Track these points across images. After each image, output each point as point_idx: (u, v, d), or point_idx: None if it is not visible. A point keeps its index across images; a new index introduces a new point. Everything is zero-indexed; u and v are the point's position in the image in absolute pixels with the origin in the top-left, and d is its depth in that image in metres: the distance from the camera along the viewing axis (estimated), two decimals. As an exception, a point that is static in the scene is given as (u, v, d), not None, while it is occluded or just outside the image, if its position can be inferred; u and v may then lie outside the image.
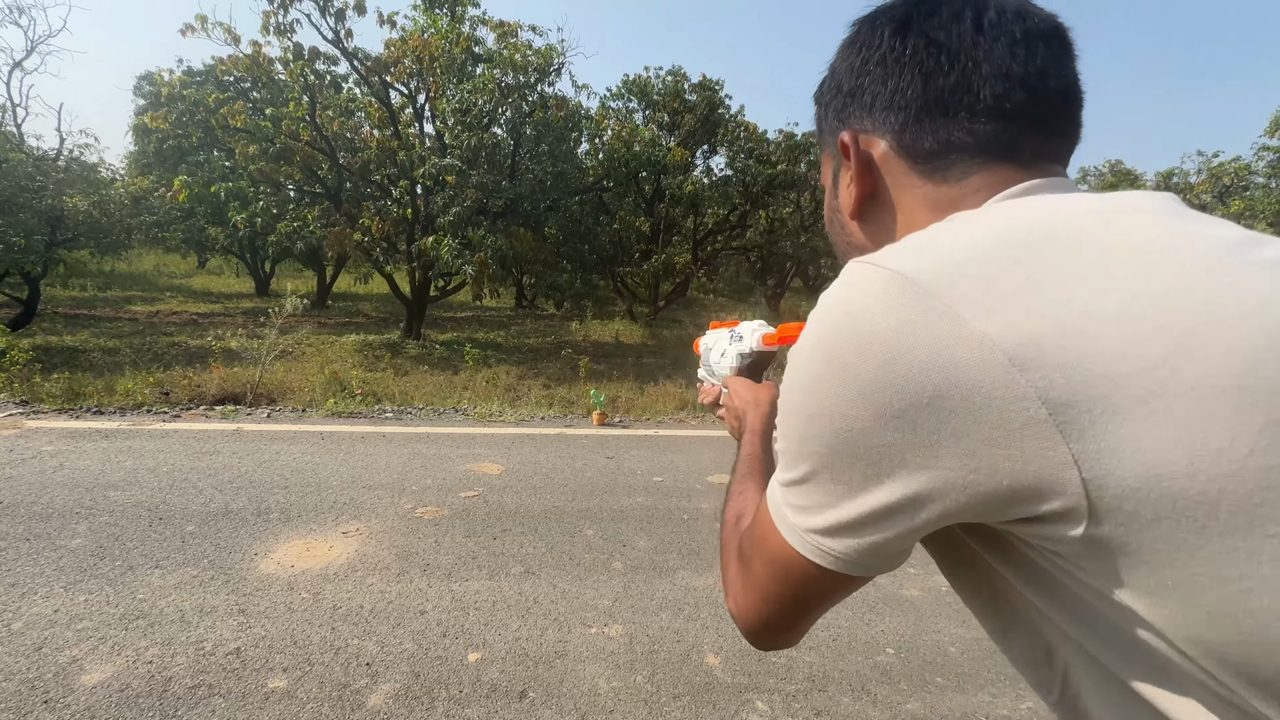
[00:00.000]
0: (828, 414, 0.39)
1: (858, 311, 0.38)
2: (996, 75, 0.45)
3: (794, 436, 0.43)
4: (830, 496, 0.41)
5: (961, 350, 0.35)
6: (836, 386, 0.39)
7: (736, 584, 0.53)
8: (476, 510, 3.23)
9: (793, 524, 0.44)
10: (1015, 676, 2.11)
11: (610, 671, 2.03)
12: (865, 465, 0.39)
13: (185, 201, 8.89)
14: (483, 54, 9.37)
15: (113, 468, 3.52)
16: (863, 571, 0.43)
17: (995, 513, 0.37)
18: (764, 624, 0.50)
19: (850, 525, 0.41)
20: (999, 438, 0.35)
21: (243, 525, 2.91)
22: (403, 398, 6.04)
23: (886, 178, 0.51)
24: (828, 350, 0.39)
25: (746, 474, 0.69)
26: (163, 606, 2.24)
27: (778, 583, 0.47)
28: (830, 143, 0.56)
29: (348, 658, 2.02)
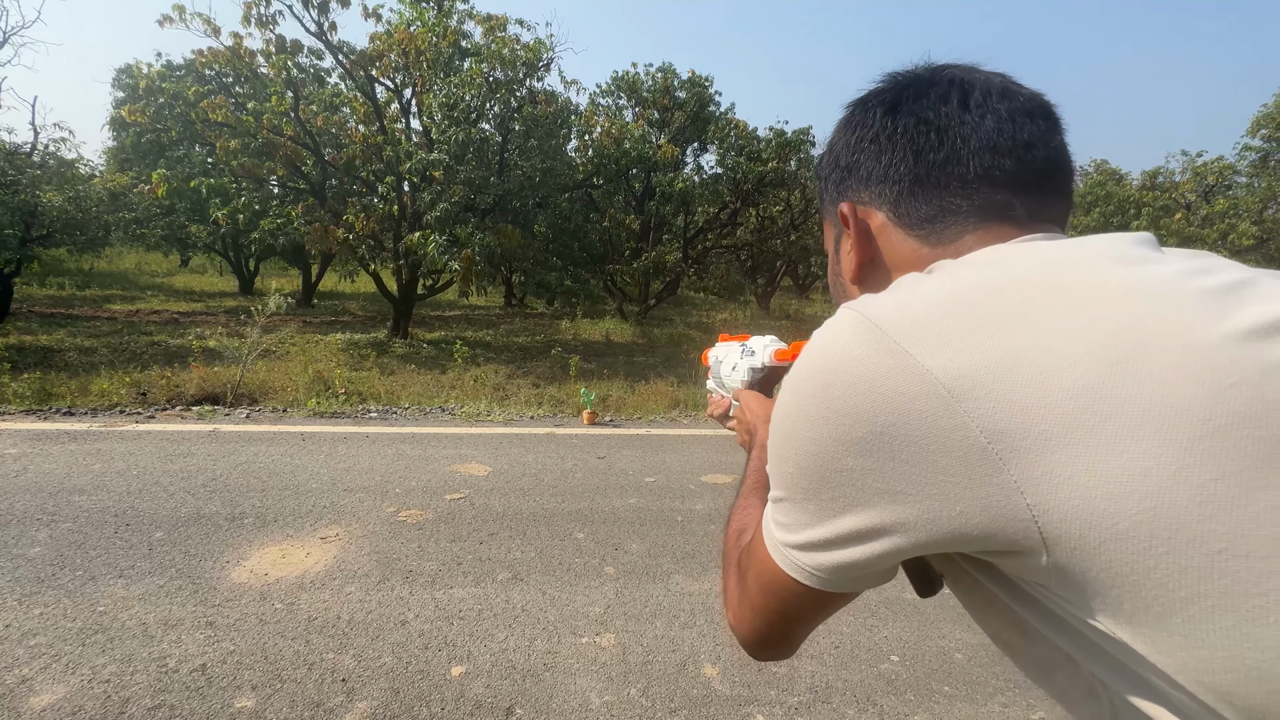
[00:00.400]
0: (799, 438, 0.43)
1: (829, 348, 0.42)
2: (984, 149, 0.49)
3: (775, 457, 0.47)
4: (804, 516, 0.45)
5: (908, 383, 0.38)
6: (807, 413, 0.43)
7: (734, 597, 0.56)
8: (462, 513, 3.11)
9: (776, 539, 0.48)
10: (1026, 684, 2.02)
11: (602, 685, 1.92)
12: (832, 489, 0.42)
13: (164, 196, 8.68)
14: (470, 48, 9.21)
15: (79, 471, 3.36)
16: (838, 588, 0.46)
17: (965, 543, 0.39)
18: (757, 637, 0.54)
19: (822, 544, 0.44)
20: (948, 465, 0.37)
21: (215, 531, 2.77)
22: (388, 397, 5.89)
23: (884, 244, 0.54)
24: (803, 380, 0.44)
25: (751, 489, 0.71)
26: (124, 620, 2.10)
27: (765, 596, 0.51)
28: (831, 212, 0.60)
29: (322, 673, 1.89)
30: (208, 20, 8.28)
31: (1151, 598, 0.33)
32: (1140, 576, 0.33)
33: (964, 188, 0.49)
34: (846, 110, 0.58)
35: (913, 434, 0.37)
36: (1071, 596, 0.37)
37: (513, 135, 9.90)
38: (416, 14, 8.97)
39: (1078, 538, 0.34)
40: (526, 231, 9.63)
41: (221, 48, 8.58)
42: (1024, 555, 0.37)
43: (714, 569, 2.69)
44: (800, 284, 21.10)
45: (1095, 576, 0.34)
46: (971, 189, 0.49)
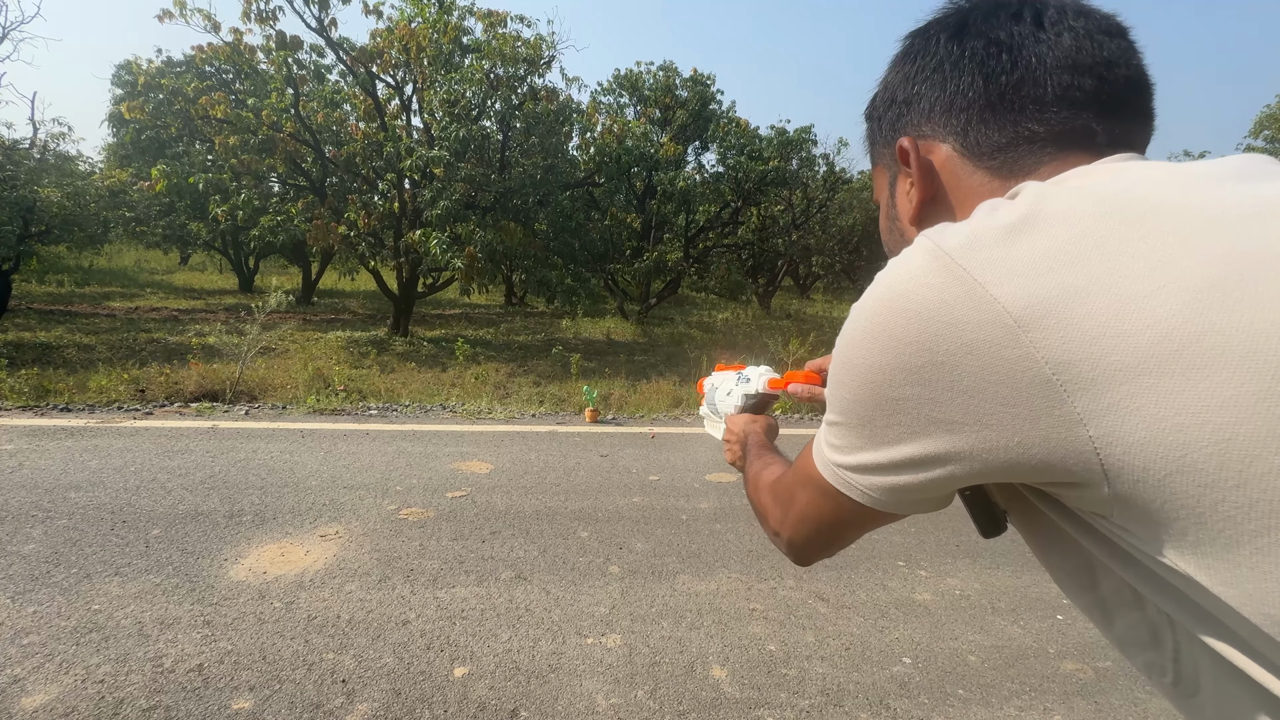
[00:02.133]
0: (859, 364, 0.43)
1: (899, 276, 0.41)
2: (1062, 67, 0.45)
3: (834, 382, 0.46)
4: (858, 439, 0.45)
5: (973, 312, 0.37)
6: (868, 340, 0.42)
7: (777, 510, 0.60)
8: (464, 511, 3.06)
9: (826, 459, 0.49)
10: (1042, 686, 1.98)
11: (609, 686, 1.88)
12: (887, 415, 0.42)
13: (164, 192, 8.63)
14: (471, 44, 9.16)
15: (76, 467, 3.31)
16: (886, 508, 0.47)
17: (1022, 473, 0.39)
18: (804, 542, 0.57)
19: (875, 467, 0.45)
20: (1009, 396, 0.36)
21: (213, 529, 2.72)
22: (388, 395, 5.85)
23: (949, 180, 0.51)
24: (869, 307, 0.42)
25: (761, 452, 0.79)
26: (119, 618, 2.05)
27: (815, 508, 0.53)
28: (886, 154, 0.57)
29: (321, 674, 1.85)
30: (208, 15, 8.22)
31: (1218, 530, 0.32)
32: (1207, 509, 0.32)
33: (1041, 111, 0.46)
34: (904, 42, 0.55)
35: (974, 364, 0.37)
36: (1135, 528, 0.36)
37: (514, 132, 9.85)
38: (418, 10, 8.91)
39: (1141, 469, 0.33)
40: (528, 229, 9.58)
41: (221, 43, 8.52)
42: (1084, 487, 0.36)
43: (720, 568, 2.64)
44: (801, 284, 21.03)
45: (1159, 508, 0.34)
46: (1049, 112, 0.46)
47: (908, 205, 0.54)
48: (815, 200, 15.63)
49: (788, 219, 15.45)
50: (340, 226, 8.32)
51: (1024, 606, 2.44)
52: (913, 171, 0.52)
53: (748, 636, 2.16)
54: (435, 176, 8.34)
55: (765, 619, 2.28)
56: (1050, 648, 2.19)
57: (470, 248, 7.82)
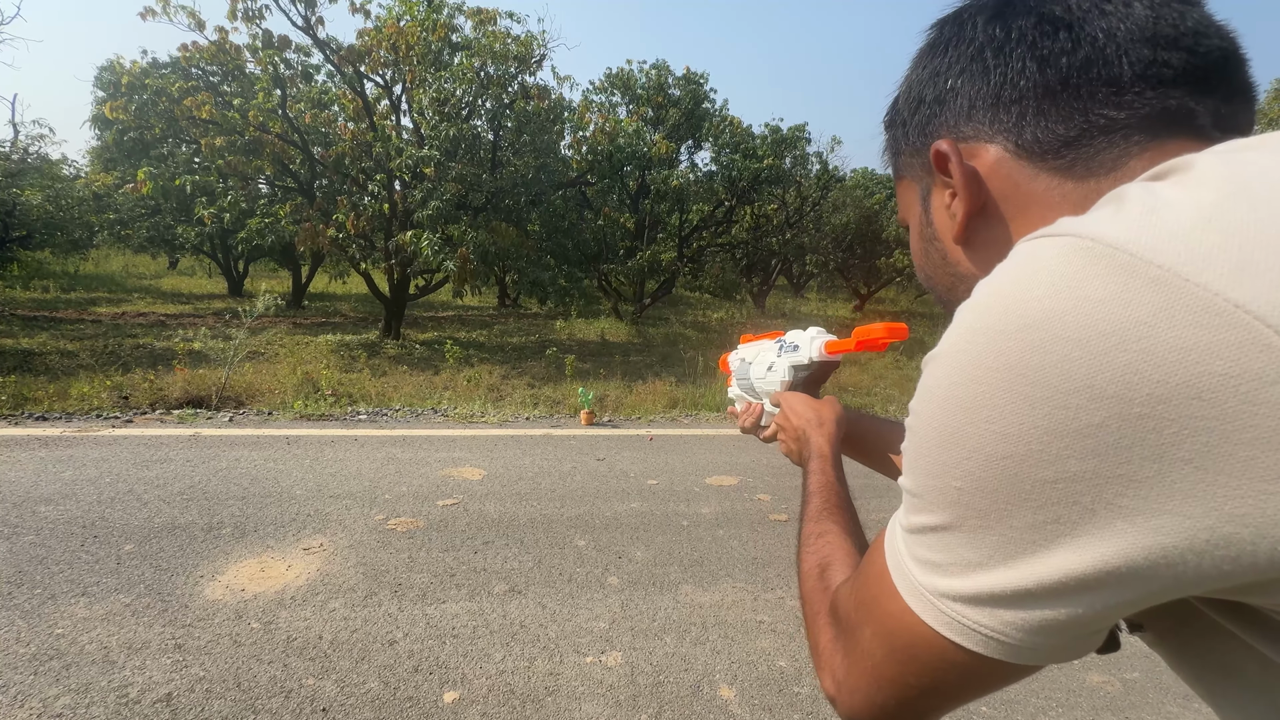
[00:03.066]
0: (979, 433, 0.29)
1: (1031, 291, 0.28)
2: (1139, 40, 0.36)
3: (927, 465, 0.33)
4: (979, 552, 0.31)
5: (1197, 328, 0.24)
6: (995, 393, 0.28)
7: (835, 658, 0.42)
8: (455, 520, 2.93)
9: (919, 584, 0.34)
10: (1069, 701, 1.87)
11: (610, 710, 1.75)
12: (1036, 510, 0.28)
13: (150, 194, 8.46)
14: (460, 42, 9.03)
15: (48, 479, 3.16)
16: (1031, 659, 0.32)
17: (1265, 587, 0.26)
18: (877, 716, 0.38)
19: (1014, 596, 0.30)
20: (1278, 465, 0.23)
21: (189, 543, 2.58)
22: (379, 399, 5.71)
23: (1002, 187, 0.41)
24: (984, 342, 0.29)
25: (823, 511, 0.59)
26: (84, 643, 1.91)
27: (897, 664, 0.36)
28: (914, 164, 0.47)
29: (300, 702, 1.72)
30: (192, 13, 8.06)
31: None
32: None
33: (1118, 94, 0.36)
34: (930, 32, 0.45)
35: (1211, 414, 0.24)
36: None
37: (505, 131, 9.73)
38: (406, 8, 8.78)
39: None
40: (520, 229, 9.45)
41: (206, 43, 8.37)
42: None
43: (724, 578, 2.53)
44: (795, 283, 20.97)
45: None
46: (1130, 95, 0.36)
47: (949, 221, 0.44)
48: (809, 199, 15.58)
49: (781, 218, 15.39)
50: (329, 229, 8.18)
51: (1043, 614, 2.34)
52: (954, 180, 0.42)
53: (756, 652, 2.04)
54: (426, 176, 8.21)
55: (774, 632, 2.16)
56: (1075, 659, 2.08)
57: (462, 249, 7.69)
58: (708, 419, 5.44)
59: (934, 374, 0.33)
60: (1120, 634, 0.41)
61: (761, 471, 3.79)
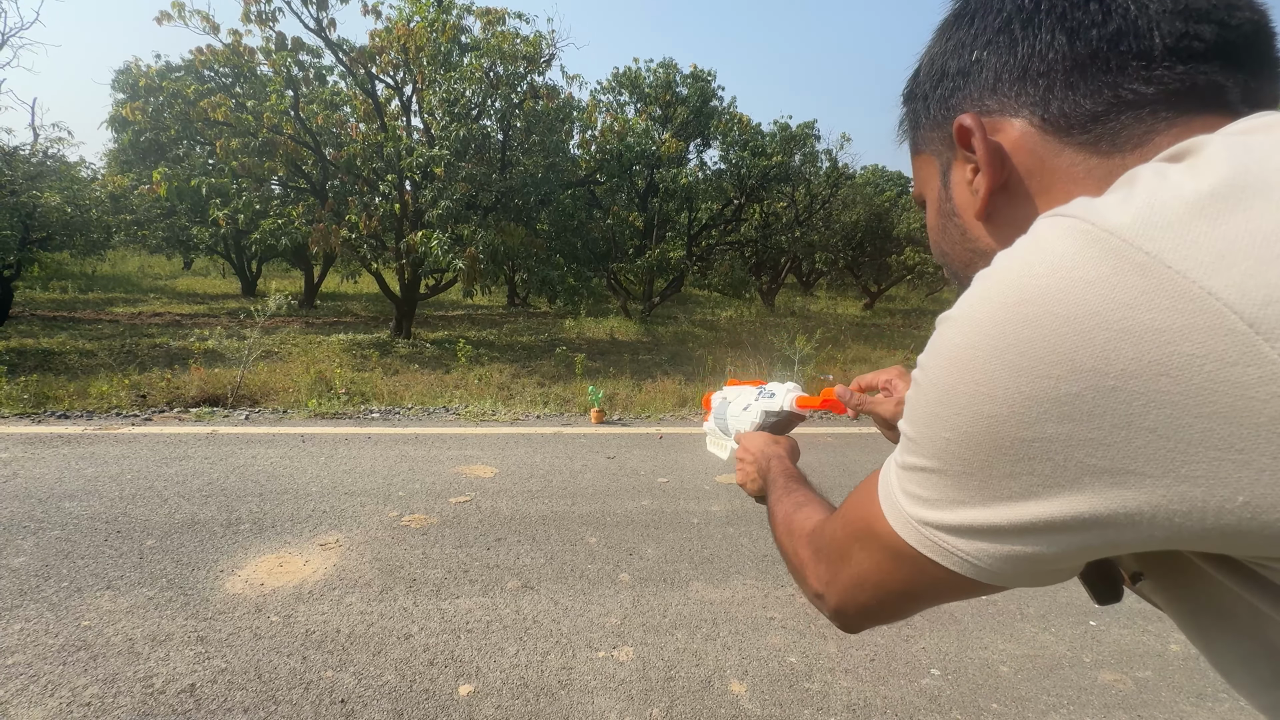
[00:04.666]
0: (969, 392, 0.32)
1: (1035, 269, 0.31)
2: (1171, 13, 0.36)
3: (923, 415, 0.36)
4: (961, 492, 0.34)
5: (1177, 314, 0.27)
6: (989, 358, 0.31)
7: (820, 566, 0.49)
8: (468, 517, 2.97)
9: (907, 513, 0.38)
10: (1080, 699, 1.87)
11: (623, 704, 1.78)
12: (1013, 462, 0.31)
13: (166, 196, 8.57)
14: (470, 43, 9.08)
15: (71, 476, 3.23)
16: (996, 581, 0.36)
17: (1236, 542, 0.29)
18: (859, 611, 0.46)
19: (988, 530, 0.34)
20: (1238, 437, 0.26)
21: (209, 538, 2.63)
22: (391, 397, 5.76)
23: (1026, 161, 0.41)
24: (987, 312, 0.32)
25: (788, 482, 0.68)
26: (110, 635, 1.96)
27: (881, 572, 0.42)
28: (935, 138, 0.47)
29: (320, 693, 1.76)
30: (206, 17, 8.15)
31: None
32: None
33: (1148, 68, 0.37)
34: (954, 4, 0.45)
35: (1174, 391, 0.27)
36: None
37: (514, 131, 9.77)
38: (416, 9, 8.84)
39: None
40: (529, 229, 9.50)
41: (220, 45, 8.47)
42: None
43: (735, 575, 2.55)
44: (805, 280, 20.90)
45: None
46: (1160, 69, 0.36)
47: (970, 197, 0.44)
48: (818, 196, 15.52)
49: (791, 215, 15.34)
50: (342, 230, 8.25)
51: (1054, 612, 2.34)
52: (977, 155, 0.41)
53: (767, 648, 2.06)
54: (436, 177, 8.26)
55: (784, 628, 2.18)
56: (1086, 656, 2.08)
57: (471, 248, 7.74)
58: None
59: (944, 333, 0.35)
60: (1124, 589, 0.43)
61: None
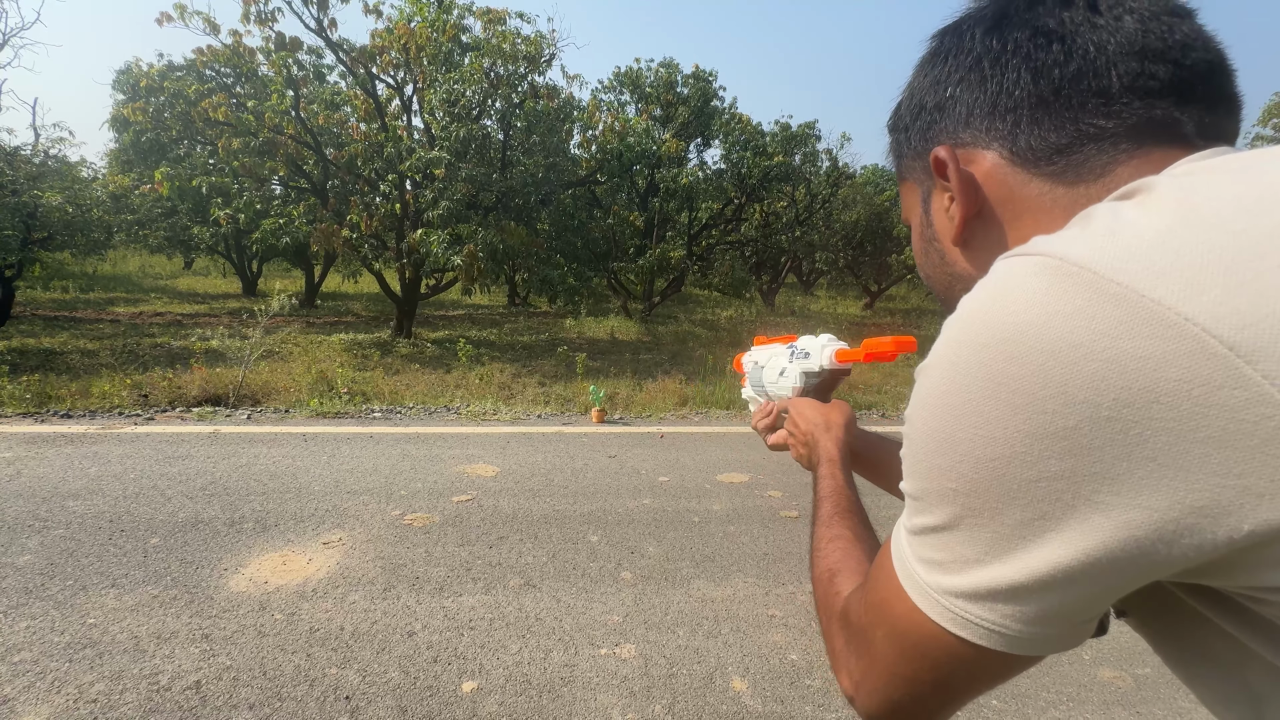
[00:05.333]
0: (968, 438, 0.32)
1: (1007, 306, 0.31)
2: (1128, 53, 0.38)
3: (924, 469, 0.35)
4: (976, 549, 0.33)
5: (1157, 341, 0.27)
6: (982, 400, 0.31)
7: (851, 660, 0.44)
8: (470, 516, 2.98)
9: (925, 584, 0.36)
10: (1080, 696, 1.88)
11: (625, 700, 1.79)
12: (1024, 507, 0.31)
13: (166, 196, 8.59)
14: (470, 43, 9.09)
15: (75, 475, 3.25)
16: (1027, 649, 0.34)
17: (1228, 570, 0.29)
18: (898, 713, 0.40)
19: (1010, 589, 0.32)
20: (1234, 463, 0.26)
21: (213, 537, 2.65)
22: (392, 397, 5.78)
23: (997, 192, 0.43)
24: (968, 355, 0.32)
25: (834, 515, 0.61)
26: (115, 633, 1.98)
27: (909, 662, 0.38)
28: (916, 167, 0.49)
29: (324, 690, 1.77)
30: (207, 18, 8.17)
31: None
32: None
33: (1107, 105, 0.38)
34: (931, 42, 0.47)
35: (1168, 417, 0.27)
36: None
37: (515, 131, 9.78)
38: (417, 9, 8.85)
39: None
40: (530, 228, 9.51)
41: (221, 46, 8.48)
42: None
43: (735, 573, 2.56)
44: (805, 280, 20.91)
45: None
46: (1119, 105, 0.38)
47: (947, 223, 0.46)
48: (819, 196, 15.52)
49: (791, 215, 15.34)
50: (344, 230, 8.27)
51: (1053, 610, 2.35)
52: (952, 184, 0.44)
53: (768, 645, 2.07)
54: (436, 177, 8.28)
55: (785, 626, 2.19)
56: (1085, 653, 2.09)
57: (470, 245, 7.74)
58: (718, 417, 5.46)
59: (925, 384, 0.35)
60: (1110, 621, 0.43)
61: (772, 469, 3.81)
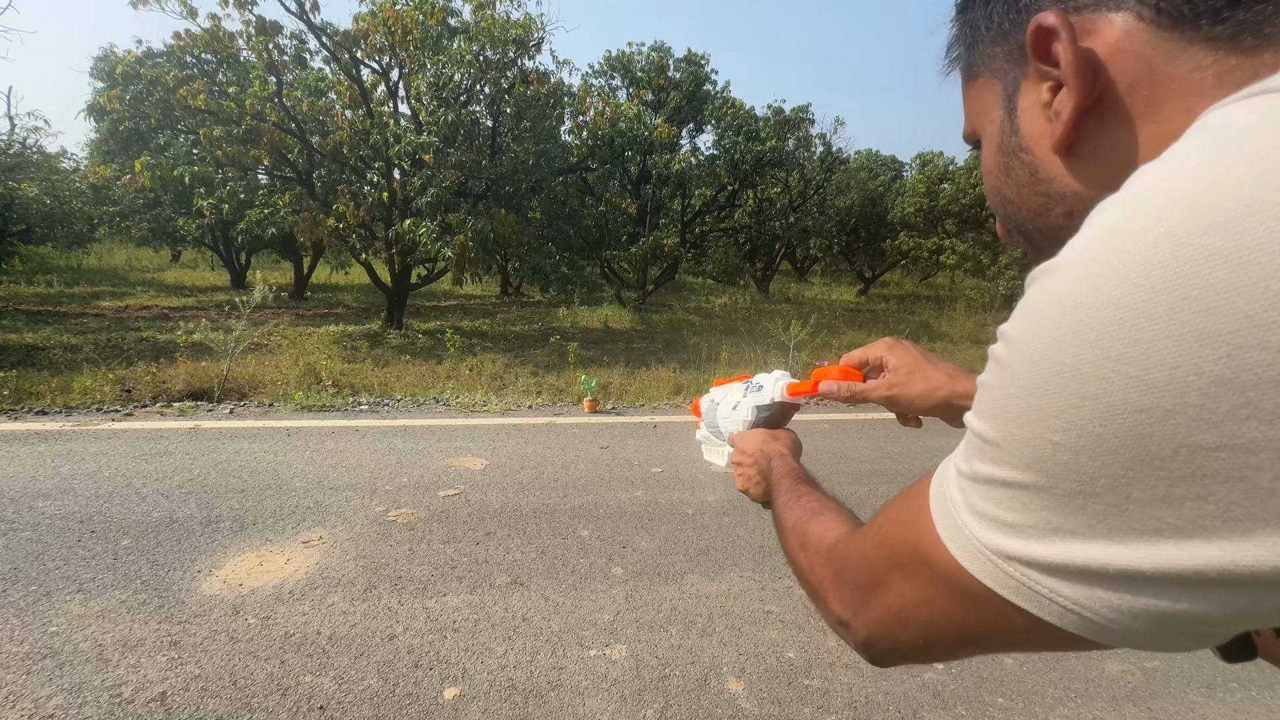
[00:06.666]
0: (1105, 374, 0.22)
1: (1231, 176, 0.21)
2: None
3: (1015, 408, 0.25)
4: (1075, 520, 0.24)
5: None
6: (1143, 321, 0.21)
7: (844, 593, 0.40)
8: (457, 511, 2.89)
9: (978, 542, 0.28)
10: (1088, 691, 1.81)
11: (615, 705, 1.71)
12: (1175, 483, 0.21)
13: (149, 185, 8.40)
14: (458, 26, 8.90)
15: (46, 474, 3.13)
16: (1111, 640, 0.26)
17: None
18: (895, 647, 0.37)
19: (1114, 576, 0.24)
20: None
21: (187, 537, 2.55)
22: (381, 389, 5.67)
23: (1129, 71, 0.31)
24: (1139, 250, 0.22)
25: (795, 484, 0.59)
26: (78, 641, 1.88)
27: (934, 610, 0.32)
28: (997, 54, 0.37)
29: (297, 700, 1.68)
30: (183, 1, 7.94)
31: None
32: None
33: None
34: None
35: None
36: None
37: (504, 117, 9.60)
38: (402, -9, 8.63)
39: None
40: (521, 216, 9.36)
41: (199, 30, 8.26)
42: None
43: (731, 567, 2.48)
44: (799, 267, 20.80)
45: None
46: None
47: (1045, 124, 0.34)
48: (812, 182, 15.40)
49: (784, 201, 15.21)
50: (330, 219, 8.11)
51: (1058, 601, 2.28)
52: (1062, 66, 0.32)
53: (764, 643, 1.99)
54: (425, 164, 8.11)
55: (782, 622, 2.11)
56: (1092, 647, 2.02)
57: (460, 235, 7.61)
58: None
59: (1050, 289, 0.25)
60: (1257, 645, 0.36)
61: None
